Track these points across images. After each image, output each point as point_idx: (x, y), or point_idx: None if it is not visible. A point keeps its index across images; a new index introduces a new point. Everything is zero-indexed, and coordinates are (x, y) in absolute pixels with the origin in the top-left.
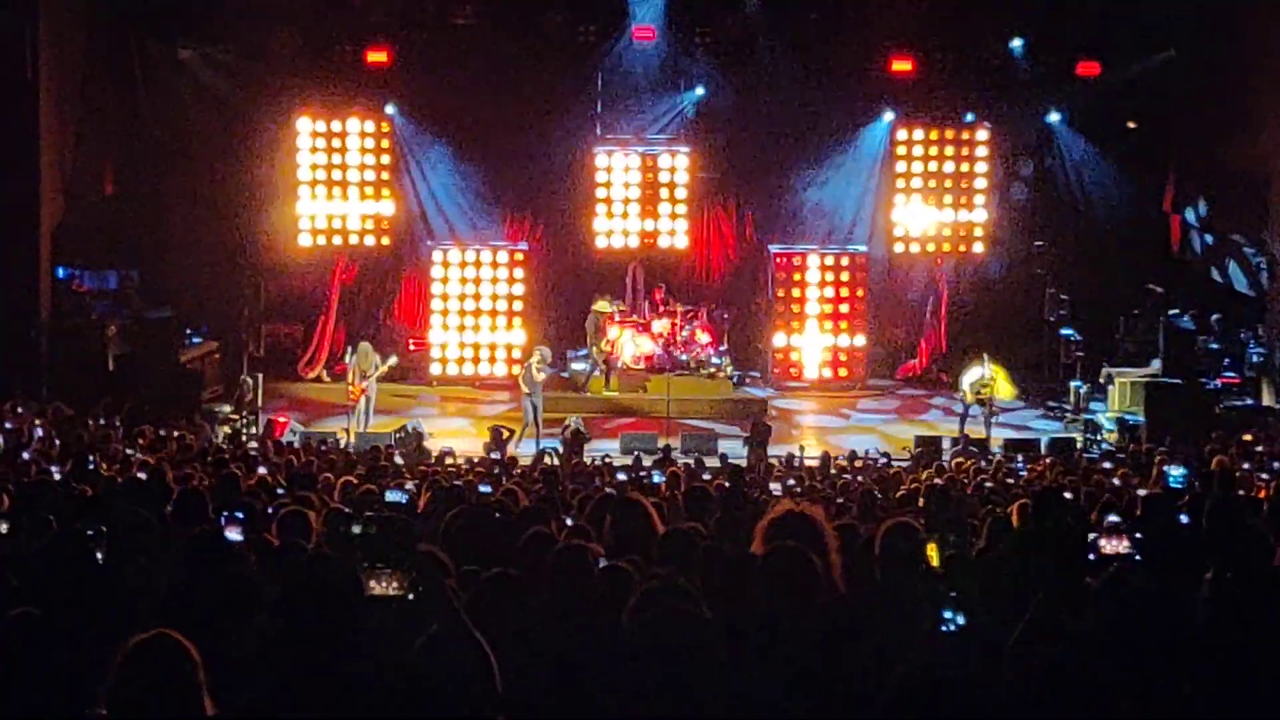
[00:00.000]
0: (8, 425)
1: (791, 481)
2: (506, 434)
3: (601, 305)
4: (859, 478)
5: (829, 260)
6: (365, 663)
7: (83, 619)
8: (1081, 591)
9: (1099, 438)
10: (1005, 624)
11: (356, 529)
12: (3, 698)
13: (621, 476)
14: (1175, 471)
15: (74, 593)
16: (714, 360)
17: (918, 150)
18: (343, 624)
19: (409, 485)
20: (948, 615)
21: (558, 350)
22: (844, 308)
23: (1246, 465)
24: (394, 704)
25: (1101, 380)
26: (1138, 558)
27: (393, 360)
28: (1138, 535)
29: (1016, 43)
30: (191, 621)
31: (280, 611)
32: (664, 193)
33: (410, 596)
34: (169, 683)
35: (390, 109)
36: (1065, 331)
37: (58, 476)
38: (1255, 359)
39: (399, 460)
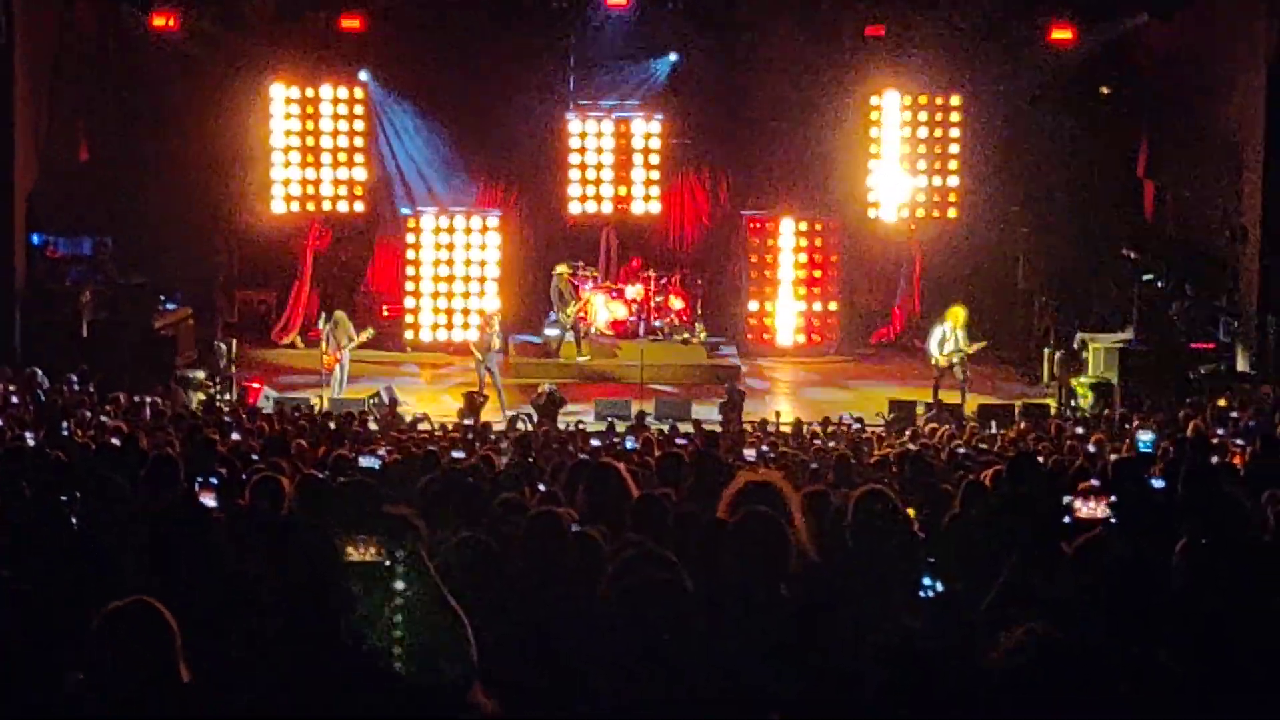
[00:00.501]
0: None
1: (765, 447)
2: (481, 400)
3: (561, 269)
4: (833, 443)
5: (802, 226)
6: (343, 629)
7: (58, 584)
8: (1056, 557)
9: (1073, 403)
10: (982, 590)
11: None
12: None
13: (595, 443)
14: (1145, 436)
15: (49, 558)
16: (687, 326)
17: (891, 116)
18: (323, 589)
19: (382, 451)
20: (926, 582)
21: (534, 316)
22: (817, 273)
23: (1221, 431)
24: (371, 671)
25: (1075, 346)
26: (1113, 521)
27: (368, 333)
28: (1113, 499)
29: None
30: (166, 587)
31: (259, 576)
32: (637, 159)
33: (387, 562)
34: (145, 649)
35: (364, 75)
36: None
37: (31, 442)
38: (1229, 324)
39: (372, 426)
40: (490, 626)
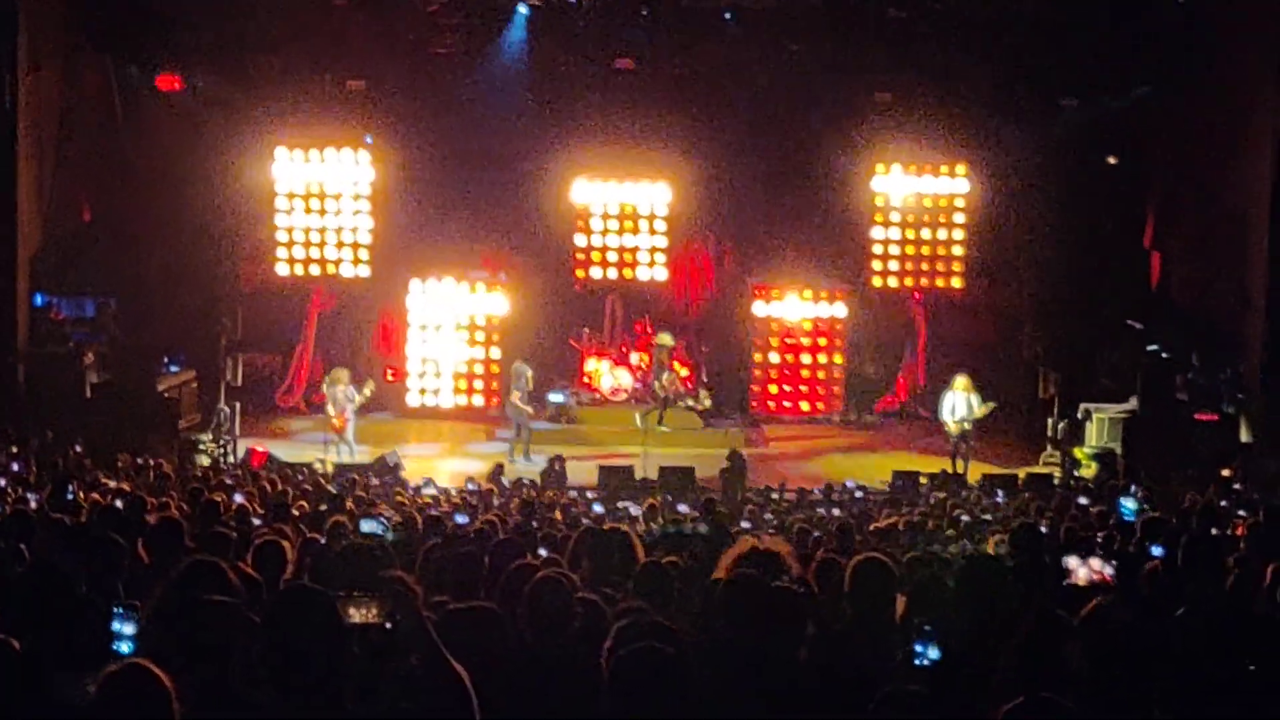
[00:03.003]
0: None
1: (769, 515)
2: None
3: (664, 339)
4: (835, 511)
5: (807, 294)
6: (347, 692)
7: (60, 649)
8: (1060, 625)
9: (1076, 473)
10: (979, 659)
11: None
12: None
13: (598, 509)
14: (1128, 504)
15: (52, 623)
16: (691, 393)
17: (897, 184)
18: (326, 653)
19: (385, 515)
20: (919, 649)
21: (537, 384)
22: (822, 341)
23: (1225, 502)
24: None
25: (1079, 416)
26: (1112, 584)
27: (369, 387)
28: (1114, 564)
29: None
30: (172, 651)
31: (263, 641)
32: (643, 225)
33: (388, 625)
34: (143, 713)
35: (369, 138)
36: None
37: (34, 505)
38: (1233, 396)
39: (376, 490)
40: (493, 691)
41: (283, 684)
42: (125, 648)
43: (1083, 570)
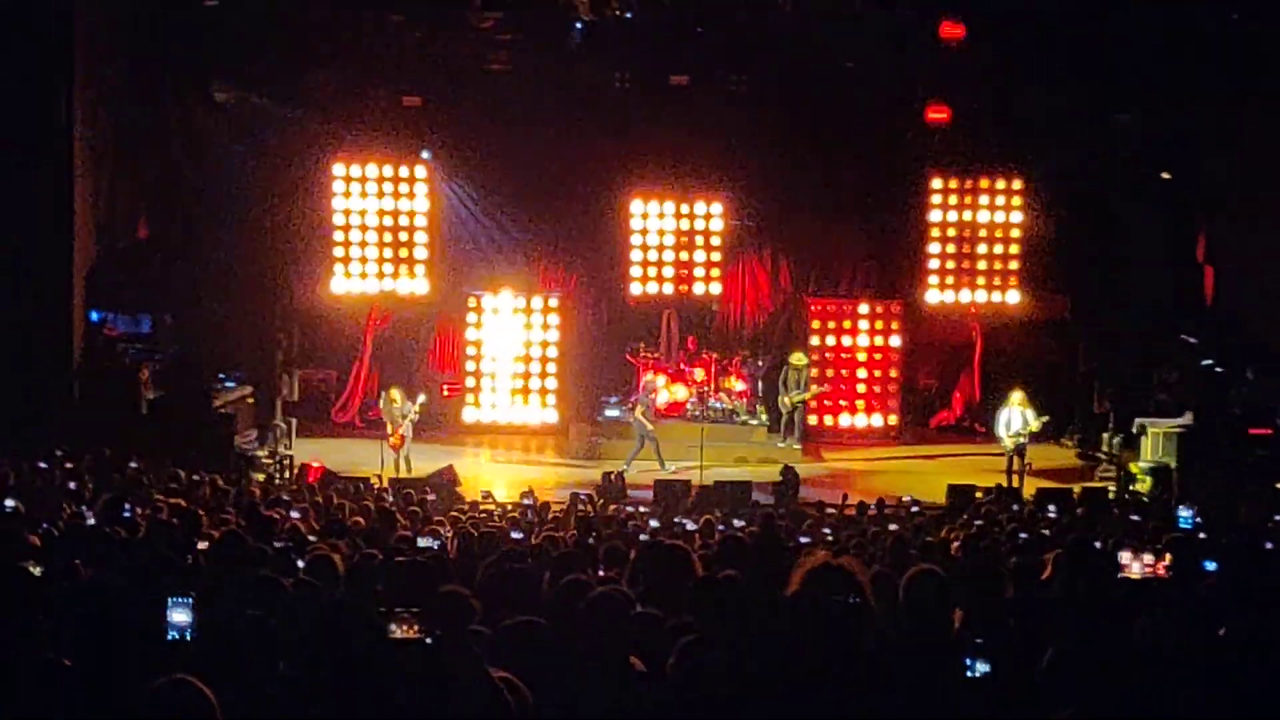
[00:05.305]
0: (41, 466)
1: (827, 530)
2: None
3: (798, 359)
4: (890, 525)
5: (863, 309)
6: (387, 708)
7: (112, 665)
8: (1113, 638)
9: (1131, 487)
10: (1030, 674)
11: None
12: None
13: (654, 523)
14: (1184, 513)
15: (103, 639)
16: (747, 409)
17: (952, 199)
18: (363, 669)
19: (442, 531)
20: (969, 663)
21: (595, 398)
22: (878, 356)
23: (1278, 517)
24: None
25: (1134, 430)
26: (1169, 578)
27: (421, 400)
28: (1170, 561)
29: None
30: (220, 666)
31: (302, 657)
32: (699, 240)
33: (429, 641)
34: None
35: (425, 154)
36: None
37: (91, 521)
38: None
39: (432, 505)
40: (552, 708)
41: (324, 697)
42: (181, 636)
43: (1136, 565)
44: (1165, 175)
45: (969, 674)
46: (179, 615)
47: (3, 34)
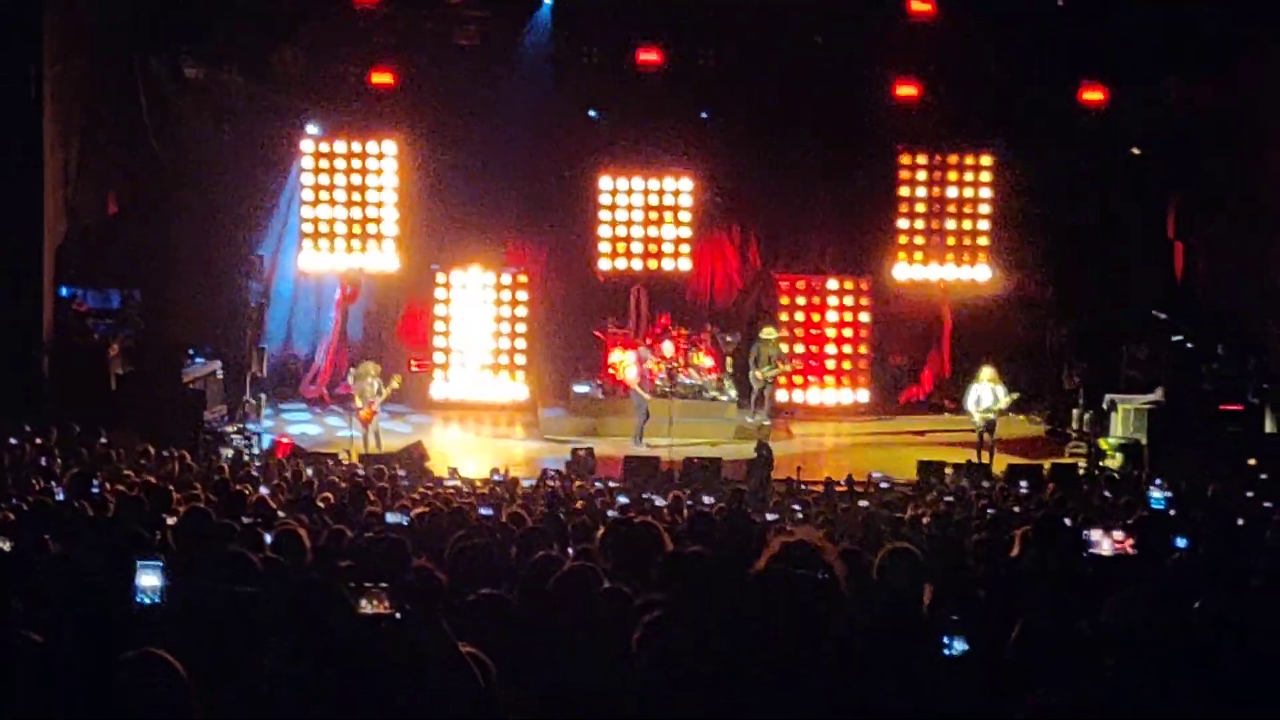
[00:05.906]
0: (11, 442)
1: (796, 506)
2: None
3: (768, 333)
4: (861, 503)
5: (832, 285)
6: (355, 681)
7: (85, 641)
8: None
9: (1101, 464)
10: (1003, 650)
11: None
12: None
13: (623, 500)
14: (1156, 494)
15: (76, 615)
16: (716, 384)
17: (921, 175)
18: (330, 642)
19: (410, 506)
20: (946, 640)
21: (564, 376)
22: (847, 332)
23: (1250, 493)
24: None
25: (1104, 407)
26: (1135, 555)
27: (397, 380)
28: (1137, 539)
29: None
30: (195, 641)
31: (273, 631)
32: (668, 216)
33: (397, 615)
34: (158, 700)
35: (394, 130)
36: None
37: (60, 496)
38: (1258, 386)
39: (401, 481)
40: (517, 682)
41: (296, 673)
42: (150, 602)
43: (1106, 541)
44: (1135, 151)
45: (946, 652)
46: (148, 579)
47: None
